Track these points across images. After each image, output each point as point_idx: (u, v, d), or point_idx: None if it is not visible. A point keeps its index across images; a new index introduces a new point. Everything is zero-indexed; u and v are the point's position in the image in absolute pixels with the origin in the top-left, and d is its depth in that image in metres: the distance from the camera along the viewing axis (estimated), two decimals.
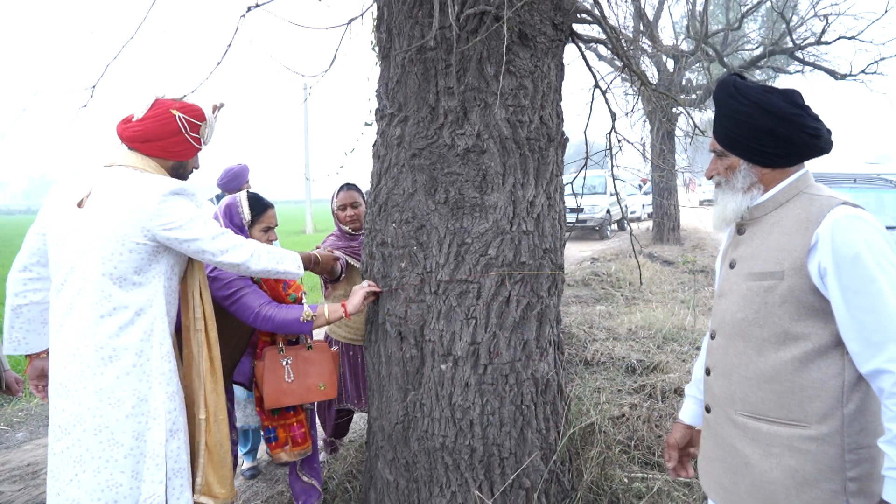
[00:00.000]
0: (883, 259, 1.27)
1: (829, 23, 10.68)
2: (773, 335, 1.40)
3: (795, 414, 1.37)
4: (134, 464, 1.82)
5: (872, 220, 1.31)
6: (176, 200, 1.87)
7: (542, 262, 2.30)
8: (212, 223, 1.97)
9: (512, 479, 2.27)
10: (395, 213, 2.33)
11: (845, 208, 1.33)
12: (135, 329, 1.84)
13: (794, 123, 1.41)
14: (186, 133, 1.98)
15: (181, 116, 1.95)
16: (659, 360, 4.64)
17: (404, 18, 2.24)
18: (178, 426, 1.91)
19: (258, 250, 2.06)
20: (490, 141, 2.21)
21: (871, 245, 1.28)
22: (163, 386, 1.88)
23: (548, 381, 2.37)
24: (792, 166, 1.48)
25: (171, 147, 1.98)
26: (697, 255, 11.46)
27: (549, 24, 2.29)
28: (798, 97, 1.44)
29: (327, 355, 2.59)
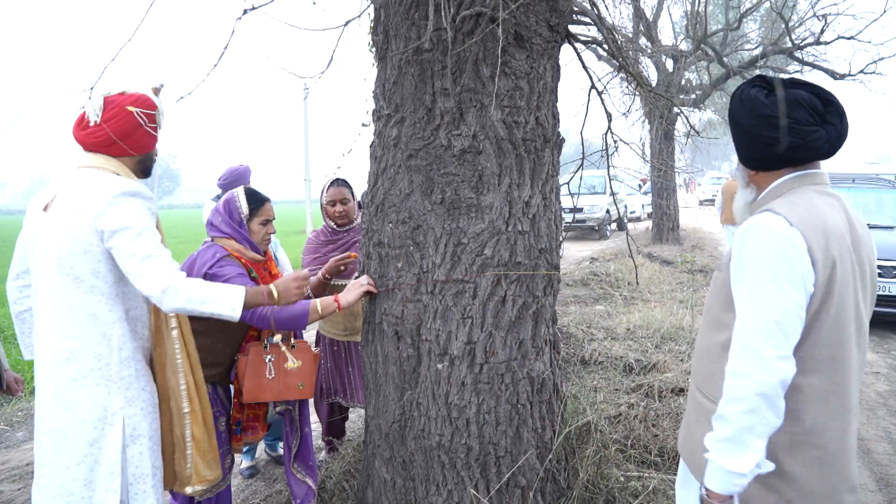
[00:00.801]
0: (757, 272, 1.34)
1: (827, 23, 10.69)
2: (712, 319, 1.56)
3: (714, 392, 1.50)
4: (87, 472, 1.81)
5: (777, 232, 1.34)
6: (127, 202, 1.84)
7: (537, 262, 2.32)
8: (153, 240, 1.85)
9: (508, 477, 2.28)
10: (391, 213, 2.34)
11: (762, 216, 1.39)
12: (93, 332, 1.82)
13: (749, 133, 1.49)
14: (146, 125, 1.97)
15: (138, 111, 1.94)
16: (657, 360, 4.66)
17: (401, 20, 2.26)
18: (141, 431, 1.89)
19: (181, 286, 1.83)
20: (486, 142, 2.22)
21: (756, 256, 1.35)
22: (122, 391, 1.85)
23: (543, 380, 2.38)
24: (773, 171, 1.51)
25: (135, 143, 1.98)
26: (696, 255, 11.47)
27: (544, 26, 2.30)
28: (762, 108, 1.45)
29: (309, 355, 2.61)
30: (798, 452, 1.40)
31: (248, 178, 4.47)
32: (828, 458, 1.41)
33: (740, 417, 1.30)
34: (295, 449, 2.76)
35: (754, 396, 1.29)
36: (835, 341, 1.38)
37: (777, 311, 1.30)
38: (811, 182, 1.47)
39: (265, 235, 2.52)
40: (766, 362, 1.29)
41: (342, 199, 3.21)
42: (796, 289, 1.31)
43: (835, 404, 1.40)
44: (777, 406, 1.30)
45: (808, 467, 1.40)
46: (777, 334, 1.30)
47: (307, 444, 2.78)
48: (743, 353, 1.33)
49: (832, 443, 1.40)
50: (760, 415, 1.29)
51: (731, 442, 1.32)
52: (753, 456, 1.31)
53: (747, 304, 1.35)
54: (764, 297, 1.32)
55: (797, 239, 1.33)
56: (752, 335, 1.32)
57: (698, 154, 14.56)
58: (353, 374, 3.32)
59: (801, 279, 1.32)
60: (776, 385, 1.29)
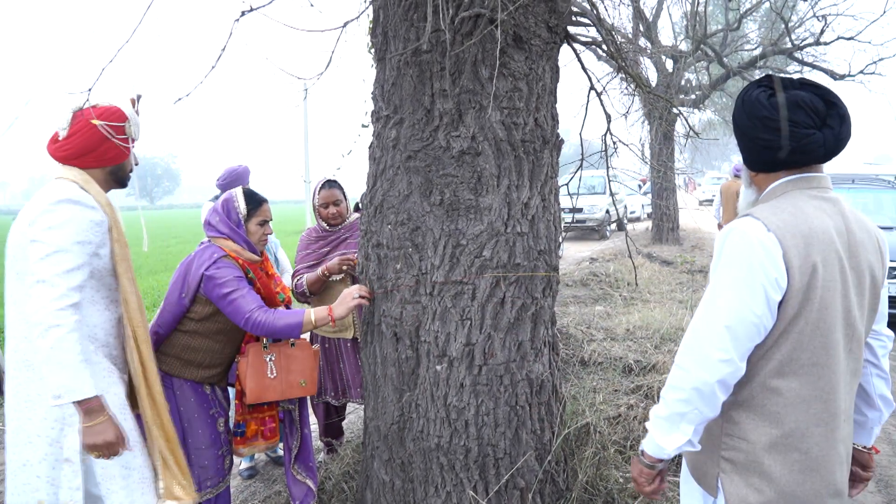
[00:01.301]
0: (724, 276, 1.39)
1: (827, 23, 10.69)
2: None
3: None
4: (49, 469, 1.82)
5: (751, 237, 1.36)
6: (61, 210, 1.82)
7: (536, 264, 2.31)
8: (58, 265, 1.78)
9: (506, 479, 2.28)
10: (390, 214, 2.34)
11: (742, 220, 1.41)
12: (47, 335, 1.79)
13: (747, 135, 1.50)
14: (113, 137, 1.98)
15: (102, 124, 1.95)
16: (656, 361, 4.65)
17: (399, 21, 2.25)
18: None
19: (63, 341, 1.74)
20: (485, 143, 2.22)
21: (728, 260, 1.39)
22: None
23: (542, 381, 2.38)
24: (771, 173, 1.51)
25: (102, 156, 2.00)
26: (696, 256, 11.47)
27: (543, 27, 2.30)
28: (761, 109, 1.44)
29: (309, 352, 2.62)
30: (778, 455, 1.41)
31: (246, 178, 4.47)
32: (810, 462, 1.41)
33: (675, 404, 1.42)
34: (295, 450, 2.75)
35: (690, 390, 1.38)
36: (818, 346, 1.38)
37: (730, 317, 1.35)
38: (807, 185, 1.45)
39: (262, 236, 2.52)
40: (707, 362, 1.36)
41: (334, 200, 3.27)
42: (755, 296, 1.34)
43: (817, 409, 1.40)
44: (712, 402, 1.39)
45: (788, 470, 1.41)
46: (725, 338, 1.35)
47: (307, 446, 2.78)
48: (690, 349, 1.41)
49: (815, 448, 1.41)
50: (693, 405, 1.39)
51: (666, 421, 1.44)
52: (681, 437, 1.43)
53: (706, 303, 1.40)
54: (721, 301, 1.37)
55: (772, 244, 1.34)
56: (702, 334, 1.39)
57: (698, 154, 14.58)
58: (345, 371, 3.34)
59: (763, 287, 1.34)
60: (713, 384, 1.36)
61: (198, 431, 2.38)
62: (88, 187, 1.95)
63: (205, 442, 2.39)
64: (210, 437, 2.40)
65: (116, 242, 1.98)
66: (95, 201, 1.94)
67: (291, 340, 2.60)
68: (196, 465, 2.36)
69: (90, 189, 1.95)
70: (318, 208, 3.30)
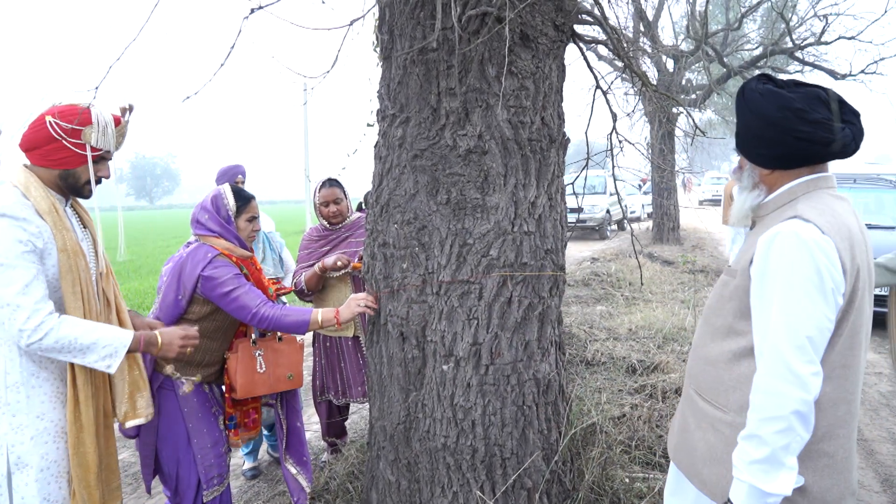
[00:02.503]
0: (792, 284, 1.30)
1: (828, 23, 10.69)
2: (721, 326, 1.53)
3: (721, 399, 1.50)
4: None
5: (810, 241, 1.31)
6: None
7: (543, 263, 2.30)
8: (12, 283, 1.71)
9: (513, 479, 2.27)
10: (396, 213, 2.33)
11: (791, 223, 1.35)
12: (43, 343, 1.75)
13: (779, 126, 1.42)
14: (64, 139, 1.84)
15: (53, 121, 1.82)
16: (659, 361, 4.65)
17: (406, 19, 2.24)
18: (28, 461, 1.79)
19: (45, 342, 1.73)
20: (492, 142, 2.21)
21: (789, 268, 1.31)
22: (8, 417, 1.77)
23: (549, 381, 2.37)
24: (792, 169, 1.48)
25: (49, 155, 1.85)
26: (697, 255, 11.46)
27: (550, 26, 2.29)
28: (794, 101, 1.41)
29: (295, 346, 2.65)
30: (809, 462, 1.38)
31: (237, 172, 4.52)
32: (836, 465, 1.39)
33: (777, 437, 1.28)
34: (284, 443, 2.76)
35: (790, 415, 1.27)
36: (846, 348, 1.36)
37: (810, 327, 1.28)
38: (825, 185, 1.44)
39: (251, 232, 2.53)
40: (801, 380, 1.27)
41: (335, 199, 3.29)
42: (828, 303, 1.30)
43: (843, 411, 1.39)
44: (809, 422, 1.30)
45: (818, 476, 1.38)
46: (810, 351, 1.28)
47: (298, 438, 2.77)
48: (778, 371, 1.29)
49: (840, 450, 1.39)
50: (795, 433, 1.28)
51: (767, 462, 1.29)
52: (790, 474, 1.29)
53: (780, 318, 1.31)
54: (798, 313, 1.29)
55: (830, 248, 1.30)
56: (787, 352, 1.29)
57: (698, 154, 14.57)
58: (347, 370, 3.34)
59: (832, 292, 1.30)
60: (810, 402, 1.28)
61: (202, 431, 2.38)
62: (30, 192, 1.82)
63: (210, 441, 2.40)
64: (214, 436, 2.41)
65: (62, 252, 1.83)
66: (34, 210, 1.80)
67: (279, 335, 2.63)
68: (201, 465, 2.36)
69: (32, 194, 1.82)
70: (319, 207, 3.32)
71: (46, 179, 1.89)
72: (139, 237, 24.29)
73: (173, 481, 2.39)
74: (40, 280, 1.77)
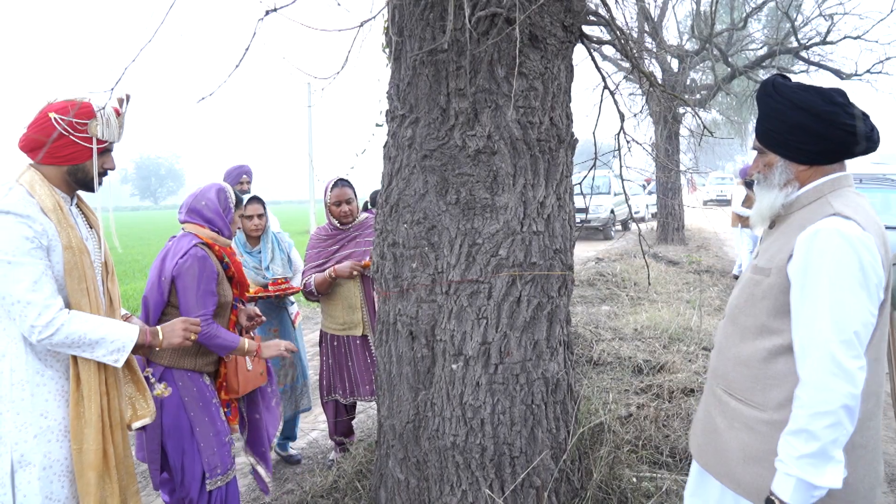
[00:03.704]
0: (838, 280, 1.32)
1: (834, 22, 10.66)
2: (753, 325, 1.52)
3: (758, 398, 1.49)
4: None
5: (853, 238, 1.33)
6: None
7: (552, 263, 2.31)
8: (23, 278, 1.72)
9: (522, 477, 2.28)
10: (406, 213, 2.34)
11: (832, 220, 1.36)
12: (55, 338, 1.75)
13: (825, 119, 1.43)
14: (70, 135, 1.84)
15: (57, 118, 1.81)
16: (665, 361, 4.65)
17: (416, 21, 2.26)
18: (31, 459, 1.79)
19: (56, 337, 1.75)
20: (501, 142, 2.22)
21: (834, 263, 1.33)
22: (12, 415, 1.77)
23: (558, 380, 2.38)
24: (828, 164, 1.48)
25: (57, 152, 1.85)
26: (702, 255, 11.45)
27: (559, 26, 2.30)
28: (836, 95, 1.44)
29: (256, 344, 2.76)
30: (847, 456, 1.38)
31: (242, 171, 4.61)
32: (868, 455, 1.42)
33: (827, 432, 1.29)
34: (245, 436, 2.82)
35: (840, 409, 1.29)
36: (877, 341, 1.39)
37: (857, 322, 1.30)
38: (847, 183, 1.46)
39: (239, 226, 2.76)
40: (850, 374, 1.29)
41: (346, 199, 3.34)
42: (871, 298, 1.32)
43: (872, 403, 1.41)
44: (855, 415, 1.31)
45: (853, 467, 1.40)
46: (857, 345, 1.30)
47: (258, 431, 2.82)
48: (826, 366, 1.30)
49: (871, 440, 1.42)
50: (843, 427, 1.30)
51: (816, 457, 1.30)
52: (838, 467, 1.31)
53: (827, 314, 1.31)
54: (845, 309, 1.30)
55: (871, 244, 1.32)
56: (835, 347, 1.30)
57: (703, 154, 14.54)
58: (354, 369, 3.37)
59: (875, 287, 1.32)
60: (858, 396, 1.30)
61: (204, 420, 2.43)
62: (35, 190, 1.82)
63: (212, 430, 2.44)
64: (216, 426, 2.46)
65: (67, 249, 1.83)
66: (38, 208, 1.80)
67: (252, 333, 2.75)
68: (205, 455, 2.41)
69: (37, 192, 1.82)
70: (331, 206, 3.35)
71: (53, 177, 1.89)
72: (144, 237, 24.37)
73: (179, 474, 2.43)
74: (49, 276, 1.78)
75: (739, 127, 18.18)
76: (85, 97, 1.89)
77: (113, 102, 1.91)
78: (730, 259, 11.80)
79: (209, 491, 2.43)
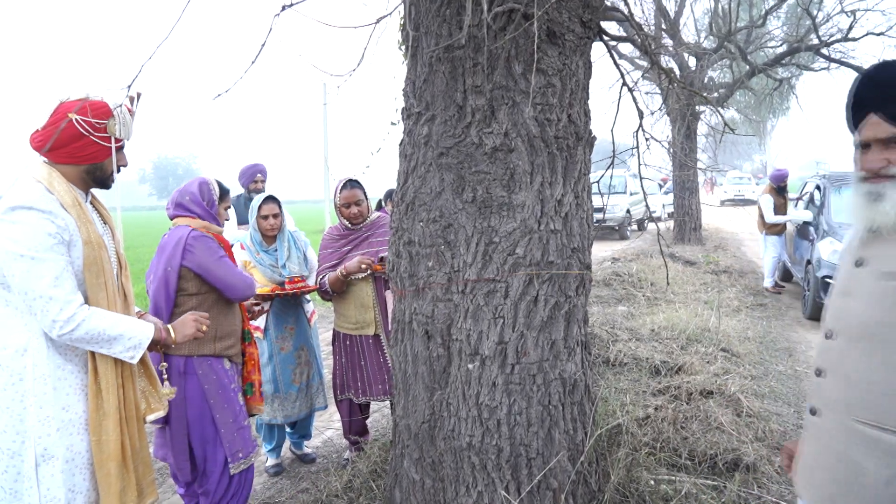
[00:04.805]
0: None
1: (856, 19, 10.45)
2: None
3: None
4: (12, 482, 1.78)
5: None
6: (18, 218, 1.74)
7: (570, 262, 2.28)
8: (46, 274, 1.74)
9: (539, 479, 2.26)
10: (422, 211, 2.33)
11: None
12: (9, 346, 1.77)
13: None
14: (91, 135, 1.87)
15: (79, 119, 1.84)
16: (683, 362, 4.59)
17: (432, 17, 2.24)
18: (54, 453, 1.80)
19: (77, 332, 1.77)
20: (518, 139, 2.19)
21: None
22: (35, 409, 1.78)
23: (575, 381, 2.35)
24: None
25: (77, 152, 1.88)
26: (720, 256, 11.31)
27: (577, 22, 2.27)
28: None
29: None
30: None
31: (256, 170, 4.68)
32: None
33: None
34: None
35: None
36: None
37: None
38: None
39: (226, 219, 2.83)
40: None
41: (356, 200, 3.34)
42: None
43: None
44: None
45: None
46: None
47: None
48: None
49: None
50: None
51: None
52: None
53: None
54: None
55: None
56: None
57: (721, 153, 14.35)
58: (367, 368, 3.36)
59: None
60: None
61: (223, 406, 2.49)
62: (54, 186, 1.84)
63: (231, 415, 2.51)
64: (234, 411, 2.53)
65: (87, 244, 1.85)
66: (58, 203, 1.82)
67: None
68: (226, 440, 2.48)
69: (56, 189, 1.84)
70: (340, 207, 3.35)
71: (70, 175, 1.91)
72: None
73: (202, 463, 2.49)
74: (69, 272, 1.80)
75: (757, 126, 17.93)
76: (98, 96, 1.92)
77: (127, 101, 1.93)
78: (748, 259, 11.64)
79: (231, 476, 2.50)
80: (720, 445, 3.12)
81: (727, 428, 3.36)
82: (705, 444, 3.14)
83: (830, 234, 7.02)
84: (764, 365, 5.24)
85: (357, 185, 3.36)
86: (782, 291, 8.58)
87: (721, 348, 5.15)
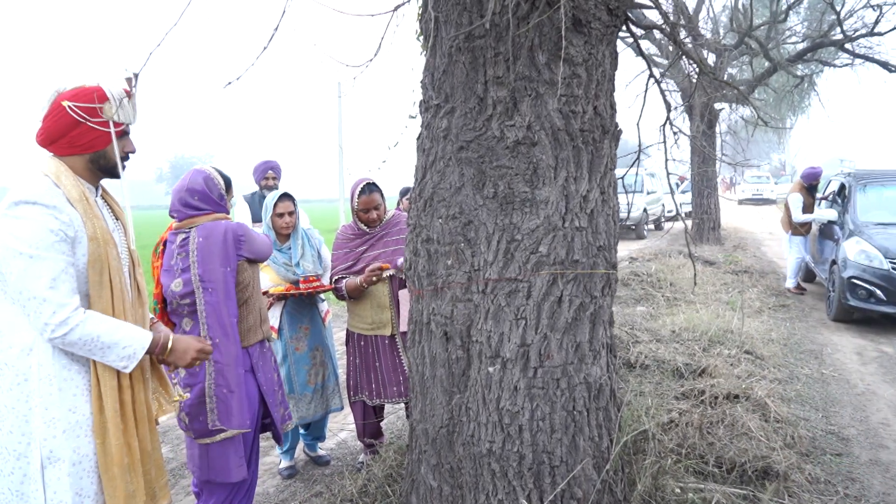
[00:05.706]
0: None
1: (882, 13, 10.18)
2: None
3: None
4: (18, 483, 1.73)
5: None
6: (21, 212, 1.69)
7: (595, 261, 2.18)
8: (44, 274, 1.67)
9: (562, 487, 2.16)
10: (441, 208, 2.24)
11: None
12: (14, 344, 1.73)
13: None
14: (87, 121, 1.79)
15: (72, 106, 1.77)
16: (706, 364, 4.45)
17: (452, 5, 2.15)
18: (60, 455, 1.75)
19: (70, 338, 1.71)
20: (541, 133, 2.10)
21: None
22: (40, 410, 1.73)
23: (601, 385, 2.25)
24: None
25: (76, 140, 1.81)
26: (739, 256, 11.10)
27: (604, 10, 2.16)
28: None
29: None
30: None
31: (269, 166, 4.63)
32: None
33: None
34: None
35: None
36: None
37: None
38: None
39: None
40: None
41: (375, 205, 3.26)
42: None
43: None
44: None
45: None
46: None
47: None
48: None
49: None
50: None
51: None
52: None
53: None
54: None
55: None
56: None
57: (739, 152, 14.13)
58: (381, 370, 3.29)
59: None
60: None
61: (272, 378, 2.62)
62: (61, 180, 1.79)
63: (277, 385, 2.65)
64: (278, 381, 2.69)
65: (92, 241, 1.79)
66: (64, 198, 1.76)
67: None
68: (274, 409, 2.57)
69: (62, 182, 1.79)
70: (358, 212, 3.26)
71: (76, 167, 1.86)
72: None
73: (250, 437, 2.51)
74: (69, 272, 1.74)
75: (777, 124, 17.63)
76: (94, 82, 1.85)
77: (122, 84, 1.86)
78: (768, 259, 11.42)
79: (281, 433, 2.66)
80: (749, 452, 3.00)
81: (755, 434, 3.23)
82: (733, 451, 3.02)
83: (856, 233, 6.83)
84: (789, 368, 5.09)
85: (375, 189, 3.26)
86: (805, 292, 8.38)
87: (745, 350, 5.01)
